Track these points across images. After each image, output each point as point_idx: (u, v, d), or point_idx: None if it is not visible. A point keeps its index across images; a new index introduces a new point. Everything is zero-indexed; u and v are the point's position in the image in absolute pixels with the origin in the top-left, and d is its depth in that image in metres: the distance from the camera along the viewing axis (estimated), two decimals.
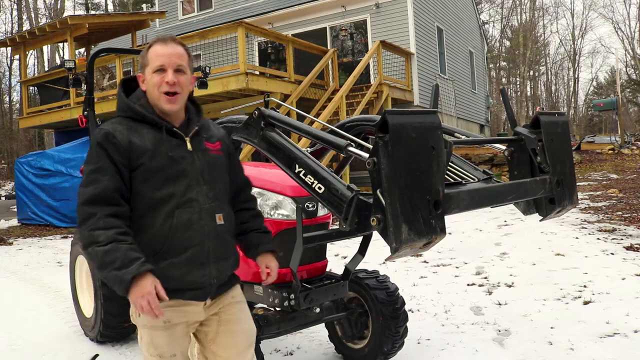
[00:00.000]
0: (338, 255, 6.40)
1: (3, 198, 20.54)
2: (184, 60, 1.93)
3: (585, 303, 4.25)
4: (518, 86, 38.95)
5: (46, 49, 28.72)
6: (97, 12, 33.83)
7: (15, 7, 32.71)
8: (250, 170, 2.86)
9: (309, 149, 3.18)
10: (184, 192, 1.87)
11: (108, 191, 1.79)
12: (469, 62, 18.89)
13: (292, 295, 2.74)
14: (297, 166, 2.24)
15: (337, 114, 10.78)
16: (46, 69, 27.19)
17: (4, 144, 29.93)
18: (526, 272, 5.21)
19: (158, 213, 1.85)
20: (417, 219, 1.71)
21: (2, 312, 5.14)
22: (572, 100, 45.19)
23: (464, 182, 2.39)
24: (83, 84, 4.26)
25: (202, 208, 1.89)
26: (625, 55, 39.63)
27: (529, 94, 41.50)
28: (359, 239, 2.95)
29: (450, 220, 2.24)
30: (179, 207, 1.86)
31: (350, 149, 2.16)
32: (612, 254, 5.52)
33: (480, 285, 4.96)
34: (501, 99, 8.47)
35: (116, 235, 1.74)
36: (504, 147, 2.40)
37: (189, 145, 1.94)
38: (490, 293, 4.73)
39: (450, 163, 2.48)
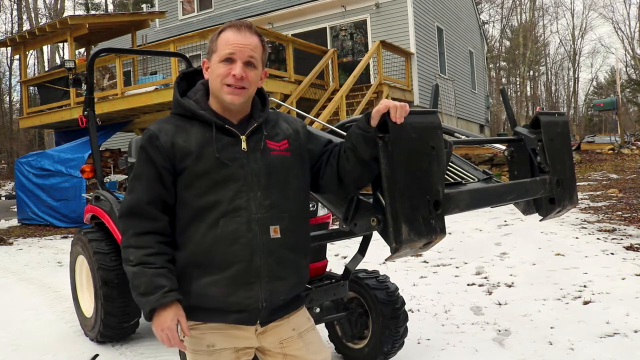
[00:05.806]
0: (338, 255, 6.40)
1: (3, 198, 20.53)
2: (257, 52, 1.68)
3: (585, 303, 4.25)
4: (518, 86, 38.94)
5: (46, 49, 28.74)
6: (97, 12, 33.82)
7: (15, 7, 32.74)
8: None
9: None
10: (231, 199, 1.63)
11: (141, 203, 1.65)
12: (469, 62, 18.90)
13: None
14: None
15: (337, 114, 10.79)
16: (46, 69, 27.19)
17: (4, 144, 29.94)
18: (526, 272, 5.21)
19: (202, 223, 1.64)
20: (417, 219, 1.70)
21: (2, 312, 5.14)
22: (572, 100, 45.21)
23: (464, 182, 2.38)
24: (83, 84, 4.26)
25: (253, 218, 1.64)
26: (625, 55, 39.70)
27: (529, 94, 41.49)
28: (359, 239, 2.95)
29: (450, 220, 2.24)
30: (225, 216, 1.62)
31: None
32: (612, 254, 5.52)
33: (480, 285, 4.96)
34: (501, 99, 8.47)
35: (144, 257, 1.61)
36: (504, 147, 2.40)
37: (244, 145, 1.68)
38: (490, 293, 4.73)
39: (450, 163, 2.47)
